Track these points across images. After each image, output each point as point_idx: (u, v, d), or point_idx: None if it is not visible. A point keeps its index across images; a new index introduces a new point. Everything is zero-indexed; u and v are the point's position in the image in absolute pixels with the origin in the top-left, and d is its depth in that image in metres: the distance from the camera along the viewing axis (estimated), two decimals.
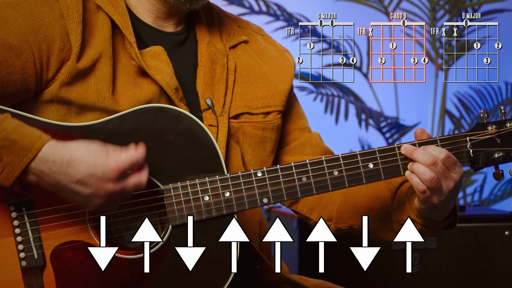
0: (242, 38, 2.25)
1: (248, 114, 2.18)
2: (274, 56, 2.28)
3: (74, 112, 2.01)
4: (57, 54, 1.99)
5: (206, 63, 2.15)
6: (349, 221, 2.21)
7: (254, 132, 2.19)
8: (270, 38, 2.34)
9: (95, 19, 2.04)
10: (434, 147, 1.98)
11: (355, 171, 2.00)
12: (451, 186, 1.98)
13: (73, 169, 1.83)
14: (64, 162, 1.83)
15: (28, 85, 1.98)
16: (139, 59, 2.04)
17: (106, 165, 1.84)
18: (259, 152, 2.19)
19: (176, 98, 2.06)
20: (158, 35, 2.14)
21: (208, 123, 2.11)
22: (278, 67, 2.26)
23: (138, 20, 2.13)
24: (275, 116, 2.22)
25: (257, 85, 2.21)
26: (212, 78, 2.15)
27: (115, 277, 1.92)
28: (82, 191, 1.84)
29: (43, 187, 1.86)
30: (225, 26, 2.24)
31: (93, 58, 2.01)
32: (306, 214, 2.28)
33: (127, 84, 2.04)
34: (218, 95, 2.14)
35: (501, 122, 2.05)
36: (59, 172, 1.83)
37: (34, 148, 1.82)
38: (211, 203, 1.96)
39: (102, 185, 1.84)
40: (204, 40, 2.17)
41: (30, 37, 1.96)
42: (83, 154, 1.84)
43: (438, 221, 2.06)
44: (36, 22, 1.97)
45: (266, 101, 2.21)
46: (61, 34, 1.99)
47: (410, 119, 5.04)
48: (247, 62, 2.22)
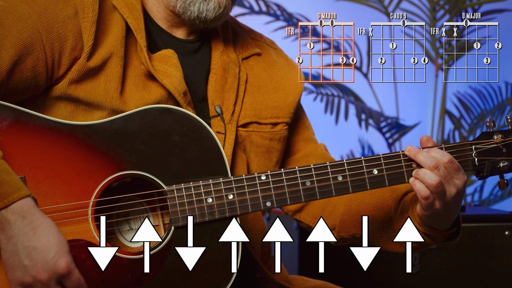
0: (255, 50, 2.25)
1: (257, 123, 2.18)
2: (285, 70, 2.29)
3: (81, 109, 2.01)
4: (69, 52, 1.99)
5: (219, 70, 2.16)
6: (352, 230, 2.20)
7: (262, 141, 2.19)
8: (282, 52, 2.35)
9: (110, 19, 2.04)
10: (438, 150, 1.98)
11: (359, 176, 1.99)
12: (453, 192, 1.97)
13: (33, 235, 1.81)
14: (31, 224, 1.81)
15: (38, 82, 1.98)
16: (148, 63, 2.04)
17: (59, 257, 1.81)
18: (264, 162, 2.19)
19: (184, 102, 2.06)
20: (172, 41, 2.14)
21: (216, 130, 2.11)
22: (289, 80, 2.27)
23: (154, 24, 2.13)
24: (283, 128, 2.22)
25: (267, 96, 2.22)
26: (223, 86, 2.15)
27: (116, 277, 1.92)
28: (23, 259, 1.81)
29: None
30: (239, 38, 2.25)
31: (104, 57, 2.01)
32: (309, 223, 2.26)
33: (136, 86, 2.04)
34: (228, 103, 2.15)
35: (507, 131, 2.04)
36: (20, 228, 1.81)
37: (8, 199, 1.80)
38: (214, 205, 1.96)
39: (41, 268, 1.81)
40: (218, 49, 2.18)
41: (44, 35, 1.96)
42: (52, 232, 1.82)
43: (440, 230, 2.05)
44: (50, 19, 1.97)
45: (275, 112, 2.21)
46: (74, 32, 1.99)
47: (410, 119, 5.04)
48: (258, 74, 2.23)
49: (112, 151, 1.94)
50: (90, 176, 1.93)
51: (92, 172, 1.93)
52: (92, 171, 1.93)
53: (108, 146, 1.94)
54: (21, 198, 1.81)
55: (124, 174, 1.94)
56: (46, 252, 1.81)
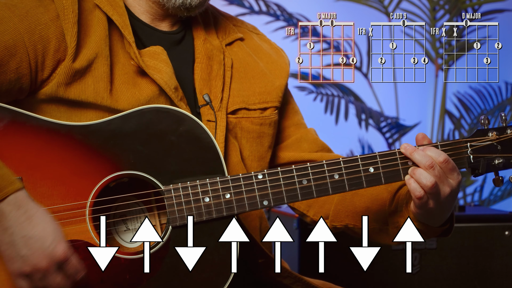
0: (238, 35, 2.26)
1: (246, 109, 2.19)
2: (269, 53, 2.29)
3: (74, 110, 2.01)
4: (52, 54, 1.99)
5: (203, 59, 2.16)
6: (345, 220, 2.21)
7: (252, 127, 2.19)
8: (265, 37, 2.35)
9: (91, 19, 2.04)
10: (433, 149, 1.98)
11: (356, 175, 2.00)
12: (447, 191, 1.97)
13: (29, 224, 1.81)
14: (26, 213, 1.81)
15: (22, 85, 1.98)
16: (138, 58, 2.04)
17: (57, 244, 1.81)
18: (257, 147, 2.20)
19: (176, 97, 2.06)
20: (156, 34, 2.14)
21: (206, 119, 2.12)
22: (274, 63, 2.27)
23: (136, 19, 2.13)
24: (272, 112, 2.23)
25: (254, 81, 2.22)
26: (209, 74, 2.15)
27: (114, 277, 1.92)
28: (20, 249, 1.81)
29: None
30: (221, 24, 2.25)
31: (89, 58, 2.01)
32: (303, 211, 2.28)
33: (126, 84, 2.04)
34: (215, 90, 2.15)
35: (502, 128, 2.05)
36: (15, 219, 1.81)
37: (3, 192, 1.80)
38: (211, 204, 1.96)
39: (39, 256, 1.81)
40: (200, 38, 2.18)
41: (26, 37, 1.96)
42: (47, 220, 1.82)
43: (434, 226, 2.05)
44: (31, 22, 1.97)
45: (263, 97, 2.21)
46: (57, 34, 1.99)
47: (410, 119, 5.04)
48: (243, 59, 2.23)
49: (109, 151, 1.94)
50: (87, 176, 1.92)
51: (89, 172, 1.93)
52: (89, 172, 1.93)
53: (105, 147, 1.94)
54: (15, 191, 1.81)
55: (121, 174, 1.94)
56: (43, 240, 1.81)
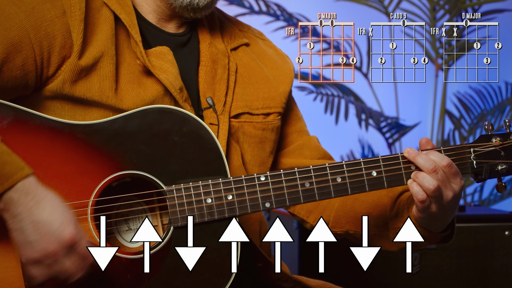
0: (243, 40, 2.26)
1: (249, 114, 2.19)
2: (274, 59, 2.29)
3: (79, 108, 2.01)
4: (58, 51, 1.99)
5: (208, 62, 2.16)
6: (346, 226, 2.21)
7: (254, 132, 2.19)
8: (271, 43, 2.35)
9: (98, 18, 2.04)
10: (436, 153, 1.98)
11: (358, 178, 2.00)
12: (449, 196, 1.97)
13: (37, 209, 1.80)
14: (34, 199, 1.80)
15: (27, 81, 1.98)
16: (144, 58, 2.04)
17: (65, 227, 1.81)
18: (258, 152, 2.20)
19: (181, 98, 2.06)
20: (162, 35, 2.14)
21: (209, 122, 2.12)
22: (279, 69, 2.27)
23: (143, 19, 2.13)
24: (275, 118, 2.23)
25: (258, 86, 2.22)
26: (214, 78, 2.15)
27: (115, 277, 1.92)
28: (29, 234, 1.80)
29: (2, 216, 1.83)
30: (226, 29, 2.25)
31: (95, 56, 2.01)
32: (303, 217, 2.27)
33: (131, 84, 2.04)
34: (219, 94, 2.15)
35: (506, 134, 2.05)
36: (24, 205, 1.80)
37: (12, 179, 1.80)
38: (213, 205, 1.96)
39: (47, 240, 1.80)
40: (206, 41, 2.18)
41: (32, 33, 1.96)
42: (55, 204, 1.82)
43: (435, 232, 2.05)
44: (37, 18, 1.97)
45: (266, 102, 2.21)
46: (63, 31, 1.99)
47: (410, 119, 5.04)
48: (248, 64, 2.23)
49: (112, 151, 1.94)
50: (89, 175, 1.93)
51: (92, 171, 1.93)
52: (92, 171, 1.93)
53: (108, 146, 1.94)
54: (24, 177, 1.81)
55: (124, 174, 1.94)
56: (50, 224, 1.80)
